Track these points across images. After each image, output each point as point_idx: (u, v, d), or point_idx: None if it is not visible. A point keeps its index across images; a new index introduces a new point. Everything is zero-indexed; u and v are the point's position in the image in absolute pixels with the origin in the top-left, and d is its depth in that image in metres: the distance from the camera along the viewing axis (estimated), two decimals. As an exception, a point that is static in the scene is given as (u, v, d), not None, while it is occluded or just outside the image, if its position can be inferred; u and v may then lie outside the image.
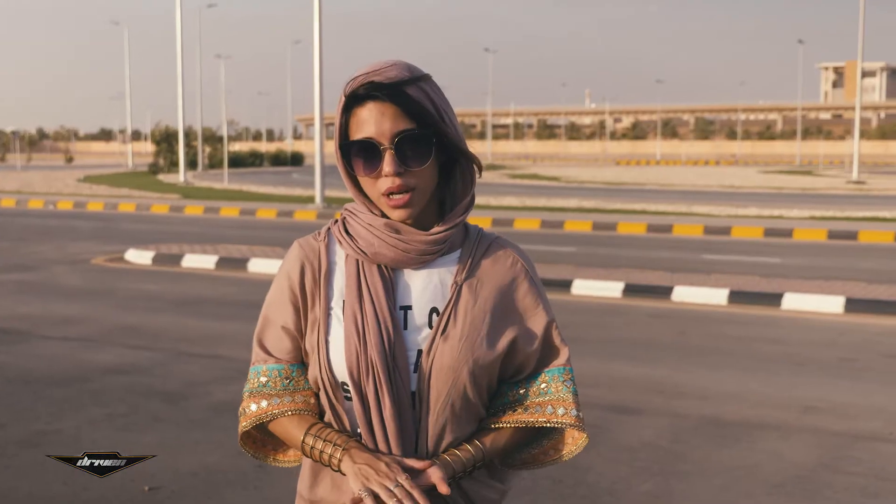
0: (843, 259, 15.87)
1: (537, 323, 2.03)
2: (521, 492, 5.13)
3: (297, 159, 74.53)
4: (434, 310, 1.98)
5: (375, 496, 1.83)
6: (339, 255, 2.04)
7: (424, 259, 1.98)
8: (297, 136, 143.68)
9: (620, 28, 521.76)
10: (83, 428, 6.33)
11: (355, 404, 1.94)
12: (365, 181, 1.95)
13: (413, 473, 1.89)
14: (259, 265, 14.18)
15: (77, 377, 7.67)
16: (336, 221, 2.07)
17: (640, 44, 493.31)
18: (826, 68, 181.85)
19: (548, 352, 2.05)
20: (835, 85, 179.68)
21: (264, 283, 12.80)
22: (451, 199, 2.02)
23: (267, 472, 5.50)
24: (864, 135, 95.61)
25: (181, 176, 43.17)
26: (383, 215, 1.99)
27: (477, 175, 2.02)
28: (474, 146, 2.02)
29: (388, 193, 1.91)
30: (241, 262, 14.42)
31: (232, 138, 74.89)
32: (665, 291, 11.71)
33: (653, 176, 51.67)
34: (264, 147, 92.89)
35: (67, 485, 5.28)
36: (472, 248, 2.04)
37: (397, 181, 1.90)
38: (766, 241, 18.96)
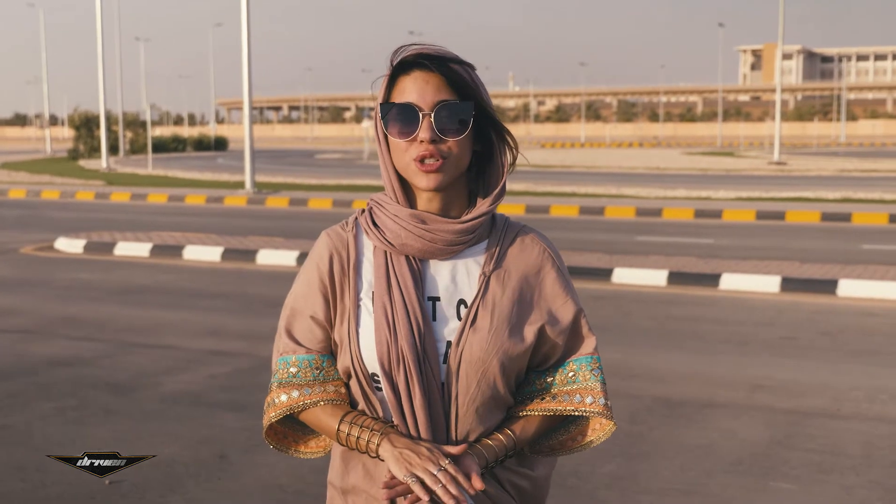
0: (773, 239, 16.19)
1: (565, 312, 2.04)
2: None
3: (220, 144, 73.63)
4: (462, 301, 1.98)
5: (421, 482, 1.83)
6: (368, 245, 2.03)
7: (452, 249, 1.98)
8: (219, 121, 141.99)
9: (543, 11, 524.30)
10: (34, 423, 6.19)
11: (387, 394, 1.95)
12: (397, 147, 1.94)
13: (452, 459, 1.89)
14: (194, 252, 14.00)
15: (22, 370, 7.50)
16: (363, 211, 2.06)
17: (563, 26, 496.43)
18: (744, 51, 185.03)
19: (575, 340, 2.06)
20: (753, 67, 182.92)
21: (201, 271, 12.72)
22: (483, 191, 2.02)
23: (229, 463, 5.45)
24: (782, 116, 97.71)
25: (103, 162, 42.32)
26: (409, 205, 1.99)
27: (510, 162, 2.02)
28: None
29: (421, 160, 1.91)
30: (176, 250, 14.21)
31: (154, 123, 73.70)
32: (605, 273, 11.83)
33: (579, 158, 52.08)
34: (187, 132, 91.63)
35: (25, 482, 5.17)
36: (500, 237, 2.04)
37: (431, 148, 1.91)
38: (697, 222, 19.26)
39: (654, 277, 11.61)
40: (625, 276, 11.74)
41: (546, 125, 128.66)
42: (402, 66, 1.95)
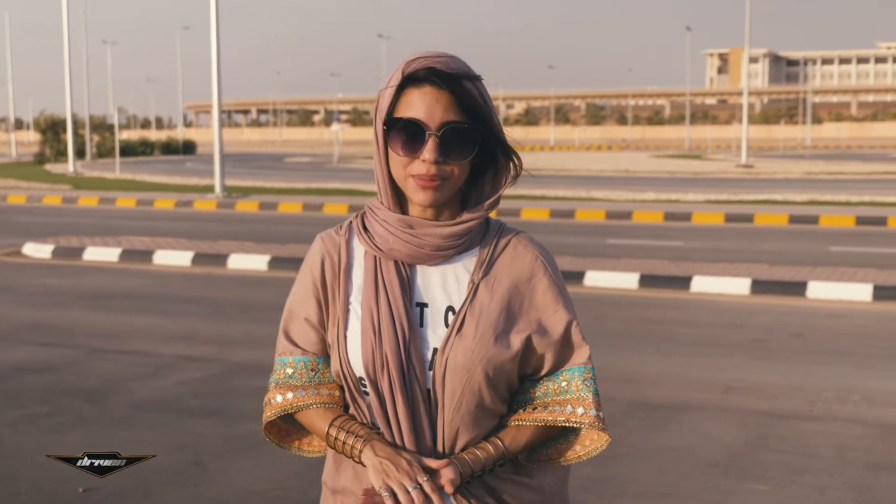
0: (743, 241, 16.29)
1: (557, 321, 2.02)
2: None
3: (189, 147, 73.14)
4: (450, 308, 1.97)
5: (393, 494, 1.83)
6: (360, 249, 2.03)
7: (441, 255, 1.97)
8: (187, 124, 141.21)
9: (512, 14, 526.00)
10: (4, 431, 6.11)
11: (372, 400, 1.95)
12: (398, 160, 1.93)
13: (431, 473, 1.89)
14: (164, 257, 13.89)
15: (-10, 377, 7.41)
16: (357, 215, 2.06)
17: (532, 30, 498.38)
18: (711, 55, 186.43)
19: (568, 350, 2.04)
20: (720, 71, 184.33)
21: (171, 276, 12.63)
22: (475, 197, 2.01)
23: (204, 470, 5.41)
24: (749, 119, 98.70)
25: (70, 166, 41.87)
26: (401, 210, 1.98)
27: (512, 177, 2.02)
28: (367, 133, 2.02)
29: (419, 177, 1.90)
30: (146, 255, 14.10)
31: (121, 126, 73.17)
32: (577, 276, 11.85)
33: (548, 161, 52.17)
34: (154, 135, 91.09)
35: (-4, 490, 5.10)
36: (492, 244, 2.03)
37: (432, 169, 1.89)
38: (666, 224, 19.36)
39: (625, 280, 11.66)
40: (597, 278, 11.77)
41: (515, 128, 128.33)
42: (412, 79, 1.91)
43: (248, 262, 13.37)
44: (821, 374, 7.58)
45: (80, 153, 53.25)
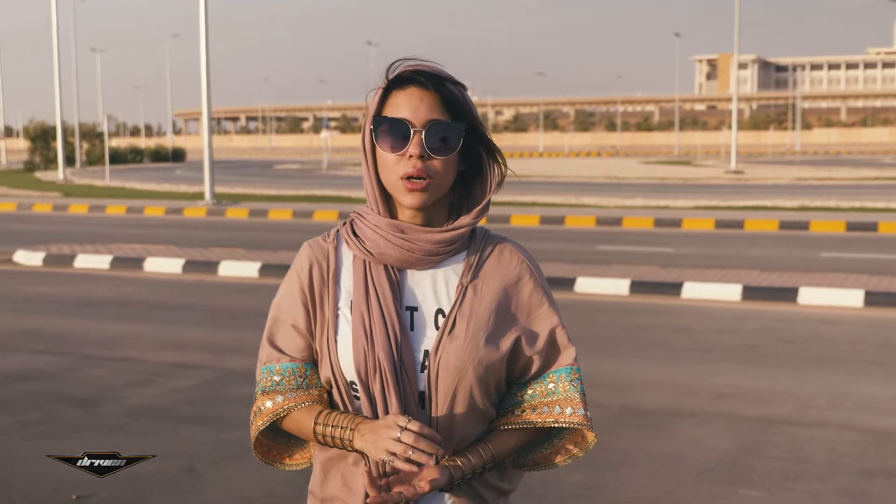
0: (733, 248, 16.34)
1: (543, 323, 2.06)
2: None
3: (178, 155, 73.19)
4: (440, 311, 2.00)
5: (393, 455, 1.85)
6: (348, 255, 2.05)
7: (431, 260, 2.00)
8: (176, 132, 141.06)
9: (501, 22, 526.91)
10: (-3, 438, 6.10)
11: (363, 403, 1.96)
12: (386, 162, 1.96)
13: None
14: (155, 264, 13.88)
15: (-18, 385, 7.39)
16: (345, 223, 2.08)
17: (521, 37, 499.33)
18: (700, 61, 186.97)
19: (554, 351, 2.07)
20: (709, 77, 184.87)
21: (162, 283, 12.61)
22: (467, 206, 2.05)
23: (198, 477, 5.40)
24: (738, 125, 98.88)
25: (60, 173, 41.94)
26: (390, 215, 2.01)
27: (498, 180, 2.05)
28: (357, 140, 2.05)
29: (408, 177, 1.93)
30: (137, 262, 14.09)
31: (110, 134, 73.11)
32: (568, 283, 11.87)
33: (538, 168, 52.25)
34: (144, 143, 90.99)
35: (-11, 498, 5.09)
36: (479, 249, 2.06)
37: (419, 165, 1.93)
38: (656, 230, 19.40)
39: (616, 286, 11.67)
40: (587, 285, 11.79)
41: (504, 135, 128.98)
42: (398, 81, 1.97)
43: (239, 269, 13.36)
44: (813, 380, 7.60)
45: (69, 161, 53.18)
